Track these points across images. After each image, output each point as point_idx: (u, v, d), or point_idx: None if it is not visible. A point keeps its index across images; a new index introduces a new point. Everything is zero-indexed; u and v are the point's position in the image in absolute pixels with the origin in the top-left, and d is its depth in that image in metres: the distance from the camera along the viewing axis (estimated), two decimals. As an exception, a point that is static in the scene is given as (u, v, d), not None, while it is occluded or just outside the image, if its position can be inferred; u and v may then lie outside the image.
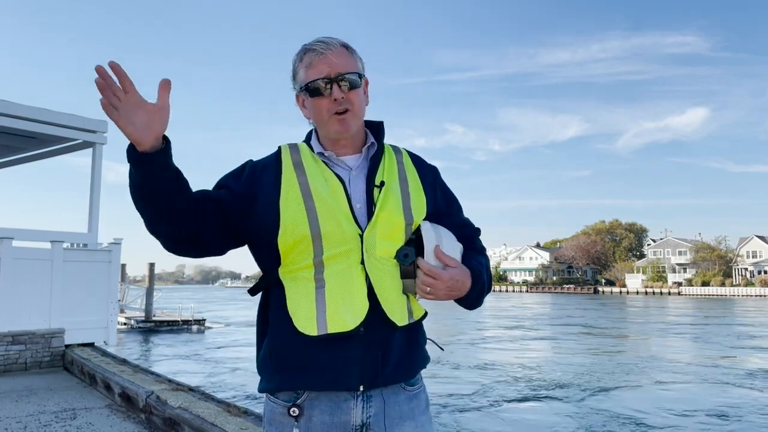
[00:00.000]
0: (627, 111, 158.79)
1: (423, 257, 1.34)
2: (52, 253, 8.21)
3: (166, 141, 1.22)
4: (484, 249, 1.56)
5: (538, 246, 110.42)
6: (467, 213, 1.60)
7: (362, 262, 1.33)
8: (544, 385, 13.65)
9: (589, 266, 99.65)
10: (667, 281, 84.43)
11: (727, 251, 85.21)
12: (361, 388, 1.32)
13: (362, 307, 1.31)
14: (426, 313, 1.45)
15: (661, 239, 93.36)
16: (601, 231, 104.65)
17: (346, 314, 1.30)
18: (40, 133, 8.47)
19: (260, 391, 1.39)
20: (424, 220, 1.42)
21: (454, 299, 1.40)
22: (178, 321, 28.06)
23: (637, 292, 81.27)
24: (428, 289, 1.33)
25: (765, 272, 78.13)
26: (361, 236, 1.34)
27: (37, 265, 8.07)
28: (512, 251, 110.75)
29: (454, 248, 1.39)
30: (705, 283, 78.73)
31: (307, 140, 1.49)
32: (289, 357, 1.33)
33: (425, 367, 1.46)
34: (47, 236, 8.43)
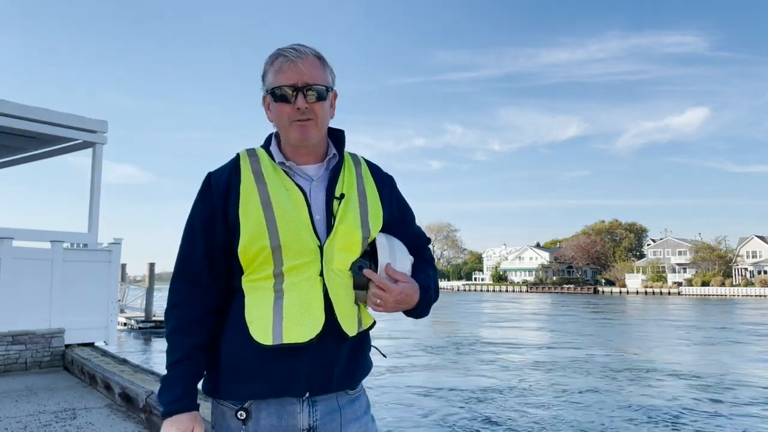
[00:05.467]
0: (626, 111, 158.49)
1: (377, 270, 1.38)
2: (52, 253, 8.21)
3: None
4: (432, 259, 1.63)
5: (538, 246, 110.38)
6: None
7: (321, 274, 1.35)
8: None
9: (588, 266, 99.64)
10: (666, 281, 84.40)
11: (727, 251, 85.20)
12: (307, 395, 1.35)
13: (319, 320, 1.33)
14: (374, 323, 1.50)
15: (661, 239, 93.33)
16: (600, 231, 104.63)
17: (302, 325, 1.32)
18: (40, 133, 8.47)
19: (204, 392, 1.42)
20: (380, 232, 1.46)
21: (402, 311, 1.44)
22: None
23: (637, 292, 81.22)
24: (378, 300, 1.37)
25: (765, 272, 78.13)
26: (321, 248, 1.36)
27: (37, 265, 8.07)
28: (512, 251, 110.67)
29: (405, 261, 1.44)
30: (705, 283, 78.68)
31: (266, 146, 1.49)
32: (238, 366, 1.35)
33: (368, 374, 1.49)
34: (47, 236, 8.42)
